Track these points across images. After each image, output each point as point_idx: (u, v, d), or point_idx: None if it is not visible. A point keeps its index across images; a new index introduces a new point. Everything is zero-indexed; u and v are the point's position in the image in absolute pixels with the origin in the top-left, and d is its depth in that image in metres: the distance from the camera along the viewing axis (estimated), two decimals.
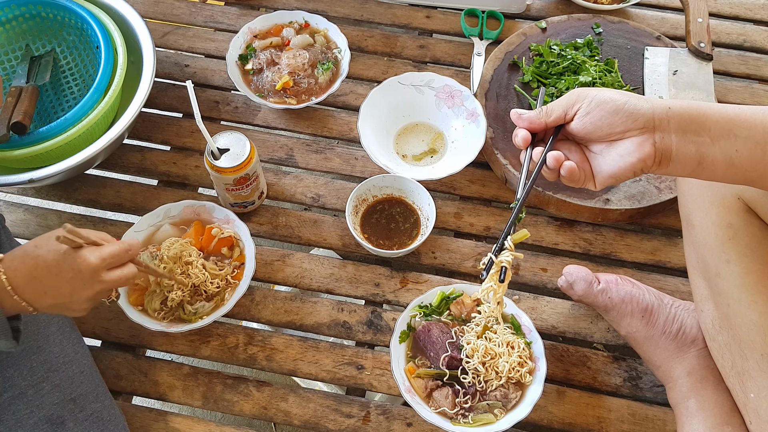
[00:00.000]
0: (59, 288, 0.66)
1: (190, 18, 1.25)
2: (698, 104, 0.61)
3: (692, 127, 0.60)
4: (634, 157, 0.61)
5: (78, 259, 0.65)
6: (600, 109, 0.62)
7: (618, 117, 0.61)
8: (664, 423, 0.85)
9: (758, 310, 0.68)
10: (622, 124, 0.61)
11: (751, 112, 0.60)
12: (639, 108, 0.61)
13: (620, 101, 0.61)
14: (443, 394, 0.80)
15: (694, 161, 0.61)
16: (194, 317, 0.87)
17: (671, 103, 0.61)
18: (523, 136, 0.67)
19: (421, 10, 1.27)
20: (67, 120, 0.92)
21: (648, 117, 0.60)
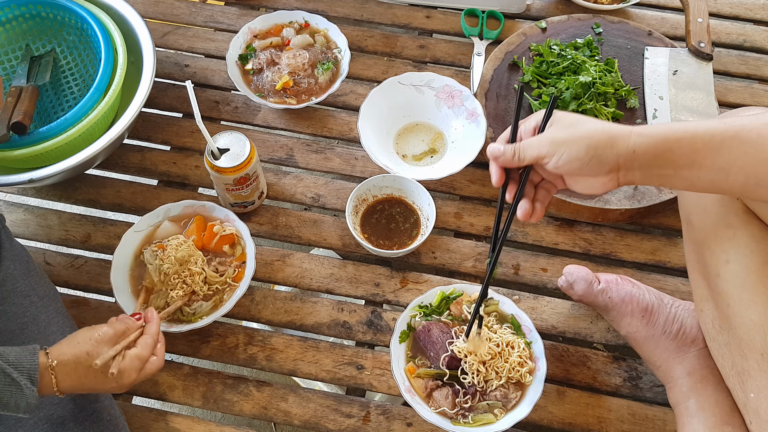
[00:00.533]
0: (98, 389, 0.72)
1: (190, 18, 1.25)
2: (667, 136, 0.62)
3: (657, 162, 0.63)
4: (599, 190, 0.67)
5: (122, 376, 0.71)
6: (567, 165, 0.66)
7: (585, 170, 0.65)
8: (664, 423, 0.85)
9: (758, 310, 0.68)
10: (590, 173, 0.66)
11: (721, 139, 0.61)
12: (604, 158, 0.64)
13: (584, 160, 0.64)
14: (443, 394, 0.80)
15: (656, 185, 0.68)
16: (193, 317, 0.87)
17: (636, 143, 0.63)
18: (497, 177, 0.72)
19: (421, 10, 1.27)
20: (67, 120, 0.92)
21: (612, 164, 0.64)
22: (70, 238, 1.00)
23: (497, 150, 0.70)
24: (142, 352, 0.74)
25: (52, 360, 0.68)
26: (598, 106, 1.05)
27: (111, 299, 0.90)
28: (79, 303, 0.95)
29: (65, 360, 0.68)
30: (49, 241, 1.01)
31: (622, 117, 1.06)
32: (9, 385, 0.64)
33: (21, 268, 0.81)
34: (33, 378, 0.65)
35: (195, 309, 0.87)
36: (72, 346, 0.70)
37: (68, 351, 0.69)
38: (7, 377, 0.64)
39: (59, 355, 0.68)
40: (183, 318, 0.87)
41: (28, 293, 0.80)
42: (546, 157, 0.67)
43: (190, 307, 0.87)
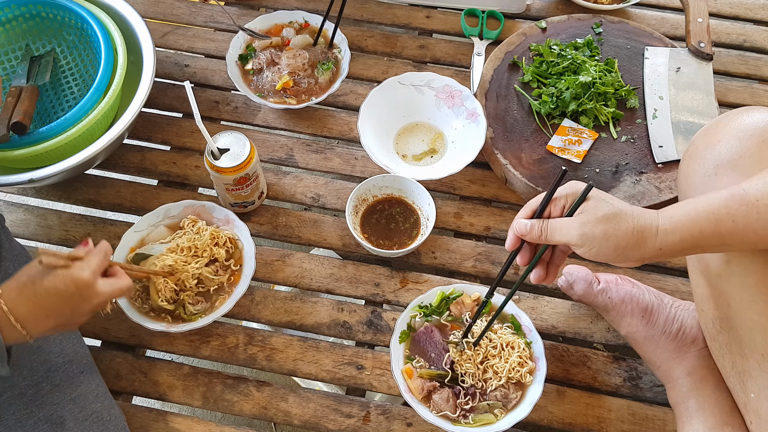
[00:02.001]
0: (61, 308, 0.68)
1: (190, 18, 1.25)
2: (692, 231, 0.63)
3: (684, 253, 0.65)
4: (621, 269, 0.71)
5: (73, 277, 0.67)
6: (594, 258, 0.67)
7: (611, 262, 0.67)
8: (664, 423, 0.85)
9: (759, 310, 0.68)
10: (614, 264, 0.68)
11: (744, 223, 0.61)
12: (631, 256, 0.65)
13: (611, 257, 0.65)
14: (443, 397, 0.80)
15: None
16: (194, 317, 0.87)
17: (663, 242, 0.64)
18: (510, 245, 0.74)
19: (421, 10, 1.27)
20: (67, 120, 0.92)
21: (639, 259, 0.66)
22: (70, 238, 1.00)
23: (523, 227, 0.71)
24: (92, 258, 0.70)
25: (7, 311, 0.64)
26: (598, 106, 1.05)
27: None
28: None
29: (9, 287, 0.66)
30: (49, 241, 1.01)
31: (622, 117, 1.06)
32: None
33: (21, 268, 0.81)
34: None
35: (198, 309, 0.87)
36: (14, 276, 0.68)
37: (11, 280, 0.67)
38: None
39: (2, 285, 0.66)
40: (183, 317, 0.87)
41: None
42: (574, 247, 0.67)
43: (194, 307, 0.87)
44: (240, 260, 0.91)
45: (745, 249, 0.66)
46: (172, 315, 0.87)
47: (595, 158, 1.03)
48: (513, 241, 0.73)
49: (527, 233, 0.70)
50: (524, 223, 0.70)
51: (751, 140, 0.71)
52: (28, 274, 0.67)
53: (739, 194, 0.62)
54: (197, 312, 0.87)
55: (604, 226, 0.65)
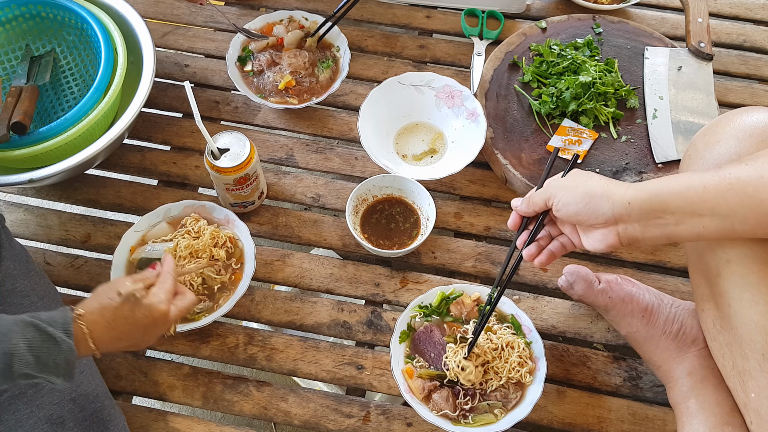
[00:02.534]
0: (134, 334, 0.71)
1: (190, 18, 1.25)
2: (659, 191, 0.66)
3: (654, 214, 0.66)
4: (602, 244, 0.70)
5: (151, 309, 0.71)
6: (566, 208, 0.71)
7: (581, 216, 0.70)
8: (664, 423, 0.85)
9: (759, 309, 0.68)
10: (587, 221, 0.70)
11: (715, 192, 0.63)
12: (598, 209, 0.68)
13: (581, 204, 0.69)
14: (443, 397, 0.80)
15: (662, 239, 0.67)
16: (197, 316, 0.87)
17: (631, 197, 0.66)
18: (513, 222, 0.79)
19: (421, 10, 1.27)
20: (67, 120, 0.92)
21: (608, 215, 0.67)
22: (70, 238, 1.00)
23: (516, 202, 0.78)
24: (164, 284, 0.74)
25: (79, 311, 0.68)
26: (598, 106, 1.05)
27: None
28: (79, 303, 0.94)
29: (91, 308, 0.69)
30: (49, 241, 1.01)
31: (622, 117, 1.06)
32: (45, 341, 0.63)
33: (21, 268, 0.81)
34: (68, 330, 0.65)
35: (200, 309, 0.87)
36: (94, 297, 0.71)
37: (91, 301, 0.70)
38: (41, 333, 0.63)
39: (84, 305, 0.69)
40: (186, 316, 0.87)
41: (28, 293, 0.80)
42: (549, 199, 0.72)
43: (196, 306, 0.87)
44: (240, 260, 0.91)
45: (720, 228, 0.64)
46: None
47: (595, 158, 1.03)
48: (515, 218, 0.78)
49: (519, 205, 0.77)
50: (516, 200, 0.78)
51: (750, 140, 0.71)
52: (108, 297, 0.70)
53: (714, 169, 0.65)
54: (200, 311, 0.87)
55: (575, 177, 0.71)
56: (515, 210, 0.78)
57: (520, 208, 0.77)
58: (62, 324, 0.65)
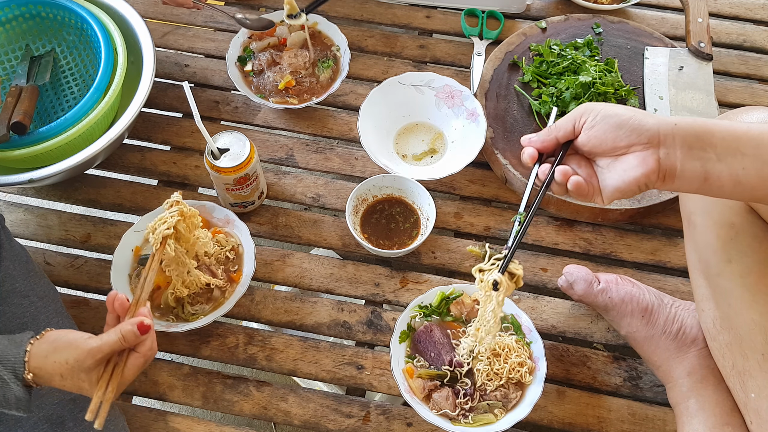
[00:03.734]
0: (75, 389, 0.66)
1: (190, 18, 1.25)
2: (705, 120, 0.61)
3: (698, 143, 0.60)
4: (638, 172, 0.61)
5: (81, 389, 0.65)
6: (605, 122, 0.63)
7: (622, 131, 0.62)
8: (664, 423, 0.85)
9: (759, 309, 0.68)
10: (626, 138, 0.62)
11: (759, 131, 0.59)
12: (644, 123, 0.61)
13: (625, 116, 0.62)
14: (443, 396, 0.80)
15: (699, 178, 0.61)
16: (192, 317, 0.87)
17: (678, 120, 0.61)
18: (530, 153, 0.69)
19: (421, 10, 1.27)
20: (67, 120, 0.92)
21: (653, 132, 0.61)
22: (70, 238, 1.00)
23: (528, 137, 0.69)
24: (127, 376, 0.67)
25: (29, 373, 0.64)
26: None
27: None
28: (79, 303, 0.95)
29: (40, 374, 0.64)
30: (49, 241, 1.01)
31: None
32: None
33: (20, 268, 0.81)
34: (18, 373, 0.62)
35: (196, 310, 0.87)
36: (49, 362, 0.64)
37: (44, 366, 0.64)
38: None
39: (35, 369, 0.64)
40: (182, 317, 0.87)
41: (28, 293, 0.80)
42: (582, 117, 0.64)
43: (192, 308, 0.87)
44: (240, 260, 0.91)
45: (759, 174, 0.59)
46: (176, 315, 0.87)
47: None
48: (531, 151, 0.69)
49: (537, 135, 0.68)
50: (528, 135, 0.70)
51: None
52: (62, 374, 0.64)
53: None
54: (195, 312, 0.87)
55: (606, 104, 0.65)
56: (530, 144, 0.69)
57: (539, 138, 0.68)
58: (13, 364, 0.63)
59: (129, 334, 0.65)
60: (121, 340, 0.65)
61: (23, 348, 0.64)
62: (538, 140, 0.68)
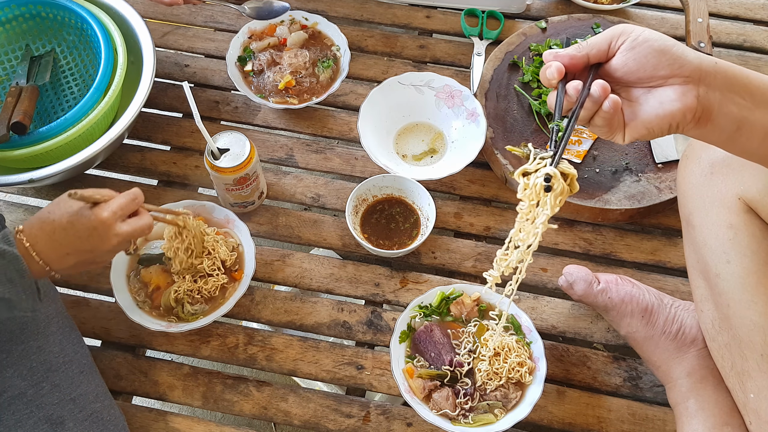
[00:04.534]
0: (79, 246, 0.70)
1: (190, 18, 1.25)
2: (741, 68, 0.58)
3: (736, 87, 0.57)
4: (675, 106, 0.56)
5: (90, 217, 0.70)
6: (647, 45, 0.57)
7: (664, 58, 0.56)
8: (664, 423, 0.85)
9: (758, 310, 0.68)
10: (668, 67, 0.56)
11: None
12: (686, 55, 0.56)
13: (669, 42, 0.57)
14: (443, 396, 0.80)
15: (733, 125, 0.57)
16: (191, 317, 0.87)
17: (718, 59, 0.57)
18: (557, 67, 0.59)
19: (421, 10, 1.27)
20: (67, 120, 0.92)
21: (695, 66, 0.56)
22: None
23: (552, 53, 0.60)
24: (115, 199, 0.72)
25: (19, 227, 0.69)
26: None
27: (111, 299, 0.91)
28: (79, 303, 0.95)
29: (30, 224, 0.70)
30: None
31: None
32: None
33: None
34: (8, 240, 0.66)
35: (196, 310, 0.87)
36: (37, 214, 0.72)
37: (32, 219, 0.71)
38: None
39: (25, 223, 0.70)
40: (181, 317, 0.87)
41: None
42: (621, 36, 0.58)
43: (192, 307, 0.87)
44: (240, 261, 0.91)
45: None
46: (176, 315, 0.88)
47: (595, 158, 1.03)
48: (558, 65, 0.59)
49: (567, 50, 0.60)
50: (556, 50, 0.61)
51: None
52: (49, 210, 0.71)
53: None
54: (195, 312, 0.87)
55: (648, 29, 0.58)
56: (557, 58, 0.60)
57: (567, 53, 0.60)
58: (1, 236, 0.67)
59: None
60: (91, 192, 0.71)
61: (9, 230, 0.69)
62: (567, 56, 0.60)
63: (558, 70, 0.59)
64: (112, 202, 0.72)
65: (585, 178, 1.00)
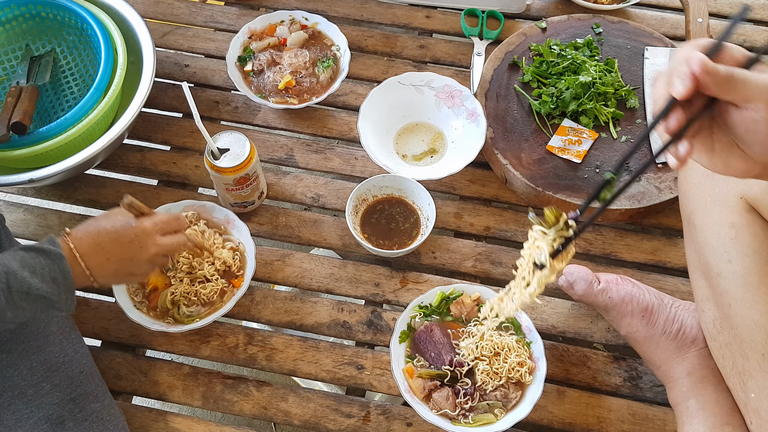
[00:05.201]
0: (120, 253, 0.74)
1: (190, 18, 1.25)
2: None
3: None
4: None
5: (134, 224, 0.76)
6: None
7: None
8: (664, 423, 0.85)
9: (760, 309, 0.68)
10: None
11: None
12: None
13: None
14: (443, 396, 0.80)
15: None
16: (187, 320, 0.87)
17: None
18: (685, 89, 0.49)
19: (421, 10, 1.27)
20: (67, 120, 0.92)
21: None
22: None
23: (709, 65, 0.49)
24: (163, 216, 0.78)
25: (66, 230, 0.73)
26: (598, 106, 1.05)
27: (111, 299, 0.91)
28: (79, 303, 0.94)
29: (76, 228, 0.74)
30: None
31: (622, 117, 1.06)
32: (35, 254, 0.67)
33: None
34: (53, 241, 0.70)
35: (191, 312, 0.87)
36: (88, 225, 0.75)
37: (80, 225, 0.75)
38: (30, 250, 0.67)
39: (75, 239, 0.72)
40: (177, 318, 0.87)
41: None
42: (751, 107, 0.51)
43: (188, 309, 0.87)
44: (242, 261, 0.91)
45: None
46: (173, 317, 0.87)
47: (595, 158, 1.03)
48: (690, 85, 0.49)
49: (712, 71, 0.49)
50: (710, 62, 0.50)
51: None
52: (97, 218, 0.76)
53: None
54: (191, 314, 0.87)
55: None
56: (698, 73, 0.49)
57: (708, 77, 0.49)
58: (48, 239, 0.70)
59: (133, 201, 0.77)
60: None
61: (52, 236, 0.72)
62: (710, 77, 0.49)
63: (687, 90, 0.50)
64: (157, 216, 0.78)
65: (585, 178, 1.00)
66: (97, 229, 0.74)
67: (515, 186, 1.03)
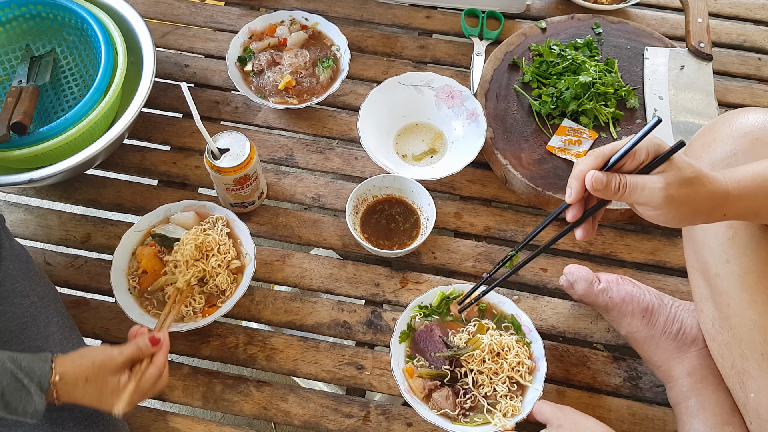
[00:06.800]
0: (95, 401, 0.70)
1: (190, 18, 1.25)
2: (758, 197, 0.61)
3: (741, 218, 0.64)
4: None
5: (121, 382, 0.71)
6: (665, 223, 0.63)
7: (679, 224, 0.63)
8: (664, 423, 0.85)
9: (758, 309, 0.68)
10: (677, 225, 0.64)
11: None
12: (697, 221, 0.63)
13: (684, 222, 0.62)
14: (443, 395, 0.80)
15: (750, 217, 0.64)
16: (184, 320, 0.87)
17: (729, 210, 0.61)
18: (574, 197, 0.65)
19: (421, 10, 1.27)
20: (67, 120, 0.92)
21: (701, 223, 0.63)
22: (70, 238, 1.00)
23: (599, 181, 0.61)
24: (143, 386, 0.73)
25: (56, 375, 0.68)
26: (598, 107, 1.05)
27: (111, 299, 0.91)
28: (79, 303, 0.95)
29: (66, 379, 0.68)
30: (49, 241, 1.01)
31: (622, 117, 1.06)
32: (19, 391, 0.65)
33: (20, 268, 0.81)
34: (43, 386, 0.66)
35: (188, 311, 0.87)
36: (76, 365, 0.69)
37: (71, 370, 0.69)
38: (18, 383, 0.65)
39: (62, 373, 0.68)
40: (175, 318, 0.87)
41: (28, 293, 0.80)
42: (650, 209, 0.61)
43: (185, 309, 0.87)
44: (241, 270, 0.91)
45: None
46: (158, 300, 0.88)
47: None
48: (578, 194, 0.64)
49: (601, 187, 0.61)
50: (600, 176, 0.61)
51: (744, 138, 0.71)
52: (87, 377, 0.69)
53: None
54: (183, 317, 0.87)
55: (687, 190, 0.59)
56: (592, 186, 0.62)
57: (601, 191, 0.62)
58: (39, 377, 0.66)
59: (142, 343, 0.74)
60: (137, 348, 0.73)
61: (48, 363, 0.68)
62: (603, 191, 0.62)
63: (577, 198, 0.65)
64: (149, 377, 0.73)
65: None
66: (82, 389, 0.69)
67: (515, 186, 1.03)
